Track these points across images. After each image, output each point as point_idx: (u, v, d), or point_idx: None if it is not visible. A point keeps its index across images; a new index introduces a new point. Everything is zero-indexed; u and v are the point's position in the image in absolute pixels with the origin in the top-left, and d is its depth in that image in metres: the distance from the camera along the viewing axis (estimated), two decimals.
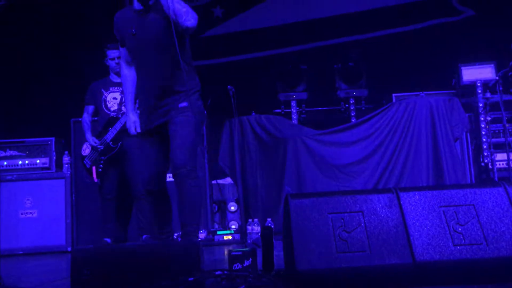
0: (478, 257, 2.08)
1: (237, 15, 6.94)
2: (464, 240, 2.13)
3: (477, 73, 5.37)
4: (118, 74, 4.46)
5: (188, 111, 2.94)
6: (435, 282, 2.08)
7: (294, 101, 5.86)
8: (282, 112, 5.87)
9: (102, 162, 4.27)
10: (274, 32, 6.66)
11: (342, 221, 2.19)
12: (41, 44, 5.92)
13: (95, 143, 4.27)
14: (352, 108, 5.89)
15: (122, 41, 3.06)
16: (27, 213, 4.69)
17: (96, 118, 4.50)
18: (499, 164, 5.13)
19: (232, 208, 5.23)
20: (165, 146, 3.01)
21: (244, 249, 2.49)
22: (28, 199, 4.70)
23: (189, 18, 2.82)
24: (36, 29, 5.84)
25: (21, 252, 4.57)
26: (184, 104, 2.96)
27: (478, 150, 5.27)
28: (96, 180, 4.29)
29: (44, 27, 5.92)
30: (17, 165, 4.85)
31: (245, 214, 4.81)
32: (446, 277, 2.10)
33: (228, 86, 4.89)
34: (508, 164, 4.79)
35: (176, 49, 2.81)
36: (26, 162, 4.86)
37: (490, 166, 5.10)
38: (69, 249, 4.60)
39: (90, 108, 4.48)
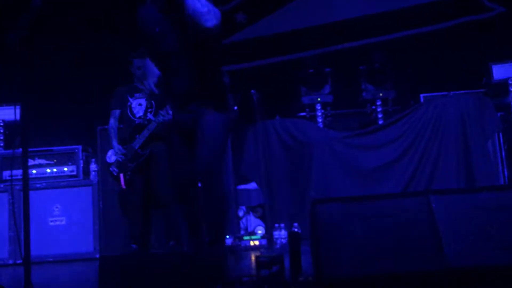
0: None
1: (259, 20, 6.92)
2: (500, 244, 2.05)
3: (508, 70, 5.22)
4: (142, 82, 4.50)
5: (218, 110, 2.87)
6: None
7: (319, 104, 5.80)
8: (307, 116, 5.81)
9: (130, 169, 4.30)
10: (297, 35, 6.61)
11: (372, 225, 2.13)
12: (67, 51, 6.01)
13: (121, 150, 4.30)
14: (379, 110, 5.78)
15: (145, 39, 2.97)
16: (56, 220, 4.75)
17: (121, 125, 4.54)
18: None
19: (258, 213, 5.19)
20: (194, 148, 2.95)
21: (272, 254, 2.45)
22: (56, 207, 4.77)
23: (210, 17, 2.70)
24: (62, 36, 5.94)
25: (51, 259, 4.63)
26: (214, 103, 2.89)
27: (511, 149, 5.10)
28: (124, 187, 4.31)
29: (70, 34, 6.01)
30: (46, 173, 4.93)
31: (271, 219, 4.77)
32: (481, 283, 2.02)
33: (252, 91, 4.87)
34: None
35: (202, 49, 2.78)
36: (54, 170, 4.93)
37: None
38: (97, 255, 4.64)
39: (117, 112, 4.52)
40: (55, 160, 4.97)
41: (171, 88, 2.96)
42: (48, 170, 4.93)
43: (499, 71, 5.24)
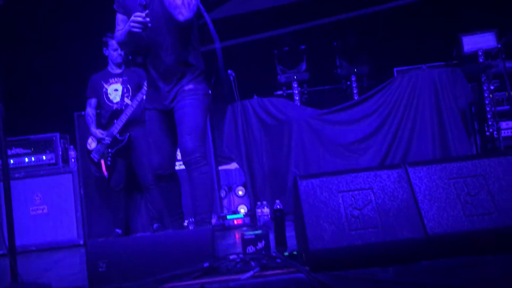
0: (490, 227, 2.09)
1: None
2: (475, 210, 2.14)
3: (478, 42, 5.30)
4: (118, 65, 4.45)
5: (194, 95, 2.94)
6: (448, 254, 2.10)
7: (295, 82, 5.83)
8: (284, 94, 5.84)
9: (110, 155, 4.29)
10: (270, 13, 6.58)
11: (353, 199, 2.20)
12: (38, 37, 5.88)
13: (102, 135, 4.28)
14: (354, 85, 5.86)
15: (128, 13, 2.94)
16: (37, 209, 4.72)
17: (98, 111, 4.51)
18: (505, 133, 5.11)
19: (240, 192, 5.25)
20: (172, 130, 3.02)
21: (257, 232, 2.51)
22: (37, 196, 4.74)
23: (182, 11, 2.77)
24: (32, 23, 5.80)
25: (34, 248, 4.62)
26: (190, 86, 2.96)
27: (483, 119, 5.25)
28: (106, 174, 4.31)
29: (40, 20, 5.87)
30: (24, 162, 4.87)
31: (253, 198, 4.84)
32: (459, 248, 2.11)
33: (229, 71, 4.87)
34: None
35: (183, 30, 2.80)
36: (33, 159, 4.88)
37: (495, 135, 5.09)
38: (81, 242, 4.65)
39: (93, 101, 4.48)
40: (32, 149, 4.91)
41: (152, 63, 2.98)
42: (26, 159, 4.88)
43: (469, 42, 5.32)
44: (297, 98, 5.77)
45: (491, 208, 2.13)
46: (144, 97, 4.04)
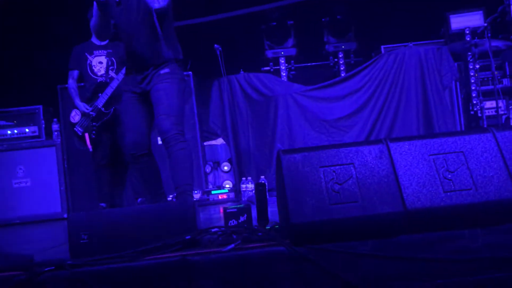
0: (468, 202, 2.12)
1: None
2: (454, 186, 2.16)
3: (465, 20, 5.32)
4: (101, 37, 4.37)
5: (169, 78, 2.98)
6: (427, 229, 2.13)
7: (282, 58, 5.80)
8: (271, 70, 5.81)
9: (94, 128, 4.24)
10: None
11: (334, 173, 2.21)
12: (21, 7, 5.75)
13: (87, 109, 4.23)
14: (341, 62, 5.84)
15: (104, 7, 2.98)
16: (20, 182, 4.69)
17: (82, 84, 4.44)
18: (488, 112, 5.16)
19: (225, 168, 5.26)
20: (148, 112, 3.06)
21: (239, 205, 2.52)
22: (20, 169, 4.70)
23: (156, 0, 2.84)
24: None
25: (18, 221, 4.60)
26: (165, 70, 3.00)
27: (467, 98, 5.29)
28: (90, 147, 4.28)
29: None
30: (6, 134, 4.82)
31: (238, 173, 4.85)
32: (437, 223, 2.14)
33: (215, 45, 4.82)
34: (497, 111, 4.82)
35: (154, 19, 2.82)
36: (15, 131, 4.83)
37: (479, 114, 5.13)
38: (65, 216, 4.64)
39: (75, 73, 4.41)
40: (15, 121, 4.85)
41: (129, 53, 3.08)
42: (9, 132, 4.82)
43: (456, 21, 5.33)
44: (284, 74, 5.75)
45: (469, 184, 2.15)
46: None
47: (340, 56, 5.85)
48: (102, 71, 4.35)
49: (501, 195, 2.14)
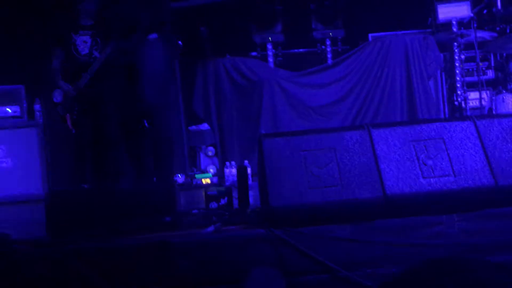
0: (446, 189, 2.15)
1: None
2: (433, 172, 2.19)
3: (452, 10, 5.32)
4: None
5: (158, 43, 2.88)
6: (405, 214, 2.15)
7: (270, 44, 5.76)
8: (258, 55, 5.77)
9: (76, 109, 4.19)
10: None
11: (315, 157, 2.21)
12: None
13: (68, 88, 4.17)
14: (328, 49, 5.82)
15: None
16: (0, 162, 4.63)
17: (66, 63, 4.37)
18: (472, 103, 5.21)
19: (210, 152, 5.25)
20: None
21: (220, 188, 2.52)
22: (1, 149, 4.63)
23: None
24: None
25: None
26: (154, 36, 2.89)
27: (452, 89, 5.32)
28: (71, 128, 4.22)
29: None
30: None
31: (222, 158, 4.84)
32: (416, 209, 2.16)
33: (201, 28, 4.77)
34: (480, 102, 4.86)
35: None
36: None
37: (463, 105, 5.18)
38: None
39: (58, 51, 4.34)
40: None
41: (118, 15, 2.96)
42: None
43: (444, 11, 5.33)
44: (271, 59, 5.72)
45: (448, 171, 2.18)
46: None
47: (328, 43, 5.83)
48: (86, 51, 4.28)
49: (479, 182, 2.17)
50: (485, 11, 5.02)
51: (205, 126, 5.43)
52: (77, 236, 2.18)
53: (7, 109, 4.77)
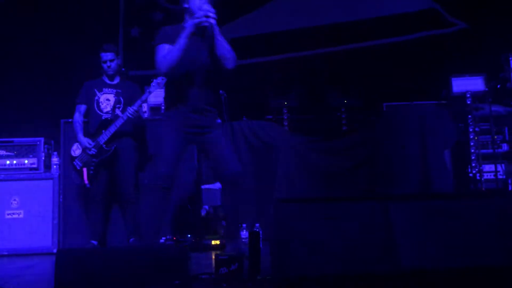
0: (463, 266, 2.09)
1: (227, 23, 6.97)
2: (451, 249, 2.14)
3: (467, 84, 5.43)
4: (111, 77, 4.45)
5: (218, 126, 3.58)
6: None
7: (285, 108, 5.87)
8: (274, 119, 5.87)
9: (93, 164, 4.25)
10: (265, 39, 6.68)
11: (331, 227, 2.19)
12: (32, 40, 5.87)
13: (90, 144, 4.25)
14: (343, 116, 5.91)
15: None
16: (13, 213, 4.63)
17: (86, 120, 4.48)
18: (487, 176, 5.18)
19: (221, 213, 5.20)
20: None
21: (231, 253, 2.48)
22: (14, 199, 4.65)
23: (231, 62, 3.29)
24: (26, 24, 5.79)
25: (6, 253, 4.51)
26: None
27: (466, 160, 5.31)
28: (87, 183, 4.26)
29: (34, 21, 5.87)
30: (5, 165, 4.79)
31: None
32: (433, 285, 2.10)
33: (220, 91, 4.88)
34: (495, 175, 4.83)
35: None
36: (14, 162, 4.81)
37: (477, 177, 5.14)
38: (55, 251, 4.55)
39: (82, 107, 4.46)
40: (15, 152, 4.84)
41: (184, 94, 3.33)
42: (8, 162, 4.80)
43: (458, 84, 5.44)
44: (286, 124, 5.80)
45: (465, 248, 2.13)
46: (135, 111, 4.10)
47: (343, 110, 5.93)
48: (108, 109, 4.39)
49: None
50: (499, 86, 5.09)
51: (217, 185, 5.43)
52: None
53: (25, 160, 4.84)
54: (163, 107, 5.33)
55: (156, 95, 5.28)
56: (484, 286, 2.08)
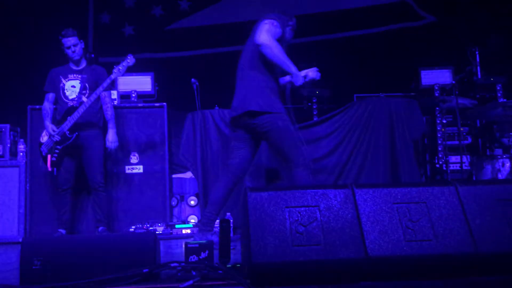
0: (428, 253, 2.15)
1: (203, 9, 6.91)
2: (415, 236, 2.20)
3: (435, 77, 5.55)
4: (77, 62, 4.36)
5: None
6: (387, 277, 2.14)
7: None
8: None
9: (57, 151, 4.18)
10: (239, 27, 6.64)
11: (299, 215, 2.21)
12: None
13: (54, 131, 4.17)
14: (314, 107, 5.95)
15: None
16: None
17: (55, 106, 4.40)
18: (453, 166, 5.32)
19: (192, 202, 5.20)
20: None
21: (201, 241, 2.48)
22: None
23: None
24: None
25: None
26: None
27: (433, 152, 5.44)
28: (50, 169, 4.19)
29: (0, 6, 5.70)
30: None
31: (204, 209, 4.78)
32: (397, 271, 2.15)
33: (192, 80, 4.86)
34: (461, 166, 4.96)
35: None
36: None
37: (444, 168, 5.28)
38: (21, 239, 4.45)
39: (51, 95, 4.37)
40: None
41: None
42: None
43: (427, 77, 5.56)
44: None
45: (430, 235, 2.19)
46: (100, 95, 4.03)
47: (314, 101, 5.96)
48: (74, 95, 4.32)
49: (460, 248, 2.18)
50: (465, 80, 5.23)
51: (188, 174, 5.41)
52: (51, 285, 2.11)
53: None
54: (132, 95, 5.28)
55: (125, 83, 5.21)
56: (448, 274, 2.14)
